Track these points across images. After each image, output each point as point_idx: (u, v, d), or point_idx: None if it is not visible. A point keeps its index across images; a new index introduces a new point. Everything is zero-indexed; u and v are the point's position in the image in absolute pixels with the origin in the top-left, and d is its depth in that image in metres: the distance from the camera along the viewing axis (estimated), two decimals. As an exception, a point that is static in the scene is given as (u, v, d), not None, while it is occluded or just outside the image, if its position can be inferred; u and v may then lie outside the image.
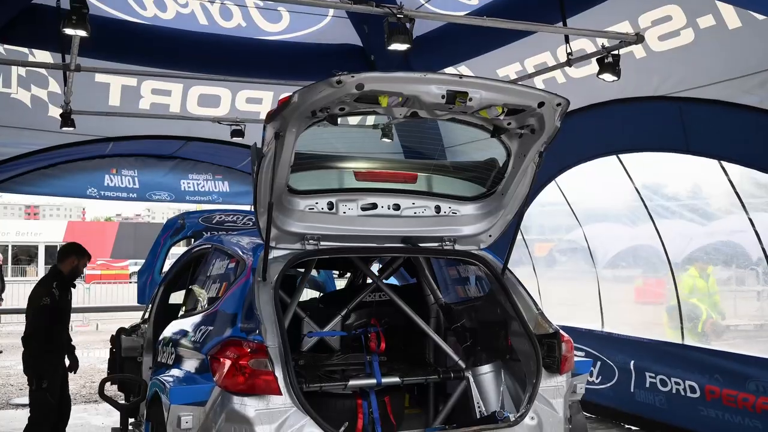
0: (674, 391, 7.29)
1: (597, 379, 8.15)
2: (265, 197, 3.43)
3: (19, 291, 22.42)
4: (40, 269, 43.60)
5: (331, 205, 3.80)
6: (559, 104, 3.45)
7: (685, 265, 8.88)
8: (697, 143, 6.49)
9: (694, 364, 7.13)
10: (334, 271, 6.47)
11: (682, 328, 7.68)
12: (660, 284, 8.83)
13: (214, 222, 6.25)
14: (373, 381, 4.04)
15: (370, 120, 8.09)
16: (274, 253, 3.70)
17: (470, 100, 3.34)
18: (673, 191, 8.80)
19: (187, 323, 4.10)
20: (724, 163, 6.52)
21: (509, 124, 3.63)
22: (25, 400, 9.43)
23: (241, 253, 3.98)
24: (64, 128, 7.19)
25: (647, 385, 7.61)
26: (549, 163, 3.93)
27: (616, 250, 9.69)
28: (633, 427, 8.03)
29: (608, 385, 8.08)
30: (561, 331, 3.85)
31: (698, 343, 7.49)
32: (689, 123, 6.46)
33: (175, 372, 3.76)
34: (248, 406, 3.18)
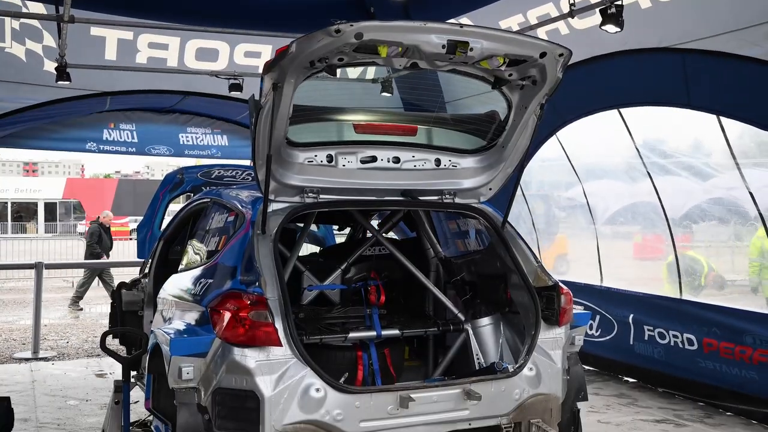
0: (672, 343, 7.38)
1: (596, 332, 8.25)
2: (263, 150, 3.41)
3: (20, 248, 22.54)
4: (40, 226, 43.73)
5: (330, 158, 3.77)
6: (561, 54, 3.40)
7: (683, 221, 8.90)
8: (698, 97, 6.44)
9: (692, 318, 7.21)
10: (334, 226, 6.47)
11: (680, 283, 7.74)
12: (659, 240, 8.86)
13: (213, 177, 6.22)
14: (373, 333, 4.07)
15: (370, 73, 8.00)
16: (273, 206, 3.69)
17: (471, 50, 3.29)
18: (673, 147, 8.76)
19: (186, 277, 4.11)
20: (723, 119, 6.49)
21: (510, 75, 3.58)
22: (28, 354, 9.56)
23: (240, 206, 3.97)
24: (59, 82, 7.11)
25: (646, 338, 7.71)
26: (549, 117, 3.89)
27: (615, 206, 9.70)
28: (630, 379, 8.14)
29: (608, 337, 8.18)
30: (560, 284, 3.87)
31: (696, 298, 7.57)
32: (691, 76, 6.40)
33: (175, 324, 3.79)
34: (249, 357, 3.20)
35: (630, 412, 6.96)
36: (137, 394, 5.28)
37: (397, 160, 3.89)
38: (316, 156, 3.75)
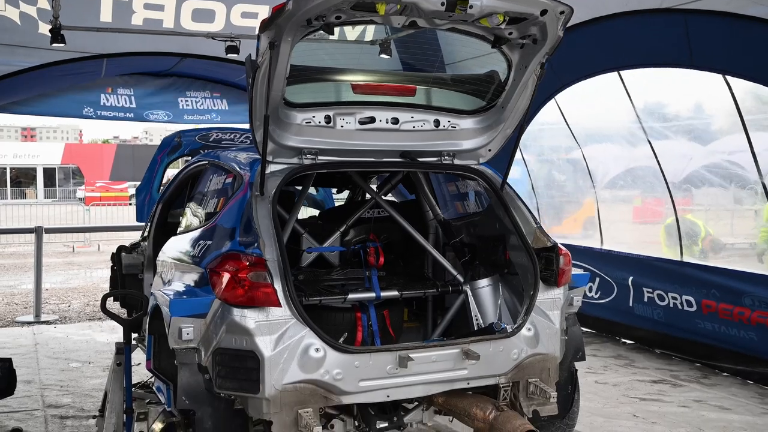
0: (672, 305, 7.43)
1: (596, 294, 8.30)
2: (260, 110, 3.37)
3: (19, 213, 22.54)
4: (39, 192, 43.69)
5: (328, 119, 3.74)
6: (562, 12, 3.35)
7: (683, 185, 8.88)
8: (701, 57, 6.38)
9: (692, 280, 7.25)
10: (333, 189, 6.46)
11: (681, 246, 7.75)
12: (658, 204, 8.85)
13: (211, 140, 6.18)
14: (372, 295, 4.08)
15: (369, 35, 7.90)
16: (271, 168, 3.67)
17: (471, 7, 3.23)
18: (674, 111, 8.71)
19: (185, 239, 4.10)
20: (728, 78, 6.43)
21: (510, 33, 3.52)
22: (30, 317, 9.63)
23: (238, 168, 3.95)
24: (54, 45, 7.02)
25: (645, 300, 7.76)
26: (549, 79, 3.85)
27: (615, 170, 9.68)
28: (628, 341, 8.21)
29: (607, 300, 8.23)
30: (559, 245, 3.87)
31: (696, 260, 7.60)
32: (694, 36, 6.33)
33: (175, 286, 3.79)
34: (248, 317, 3.21)
35: (627, 372, 7.03)
36: (139, 356, 5.32)
37: (395, 121, 3.86)
38: (314, 117, 3.71)
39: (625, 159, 9.11)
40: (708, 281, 7.06)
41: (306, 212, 6.96)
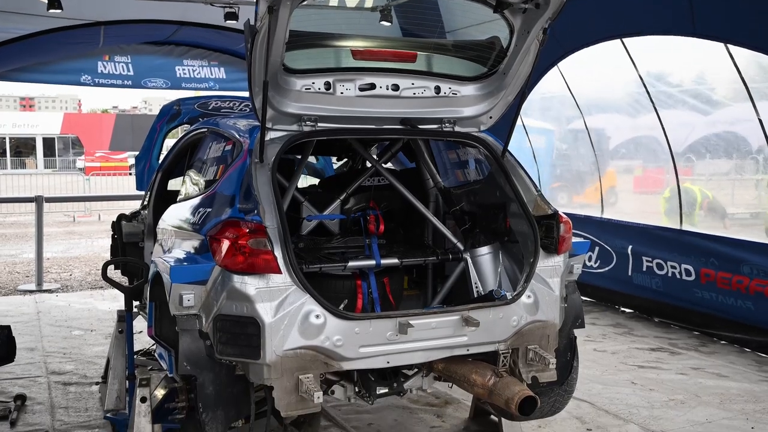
0: (670, 274, 7.46)
1: (595, 263, 8.32)
2: (259, 76, 3.34)
3: (19, 183, 22.52)
4: (39, 162, 43.59)
5: (328, 85, 3.70)
6: None
7: (685, 154, 8.84)
8: (704, 25, 6.31)
9: (691, 248, 7.26)
10: (333, 158, 6.43)
11: (681, 214, 7.75)
12: (659, 173, 8.84)
13: (210, 108, 6.12)
14: (372, 262, 4.08)
15: (369, 1, 7.80)
16: (270, 135, 3.64)
17: None
18: (677, 80, 8.65)
19: (185, 206, 4.09)
20: (731, 47, 6.37)
21: (513, -3, 3.47)
22: (32, 286, 9.67)
23: (237, 135, 3.93)
24: (51, 11, 6.94)
25: (644, 269, 7.79)
26: (550, 46, 3.81)
27: (617, 140, 9.65)
28: (627, 310, 8.25)
29: (606, 269, 8.26)
30: (560, 212, 3.86)
31: (695, 228, 7.60)
32: (697, 3, 6.26)
33: (175, 253, 3.79)
34: (249, 284, 3.21)
35: (626, 341, 7.08)
36: (140, 324, 5.35)
37: (396, 87, 3.82)
38: (313, 83, 3.68)
39: (628, 128, 9.08)
40: (707, 249, 7.07)
41: (306, 181, 6.95)
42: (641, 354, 6.58)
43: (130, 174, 26.05)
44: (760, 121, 6.60)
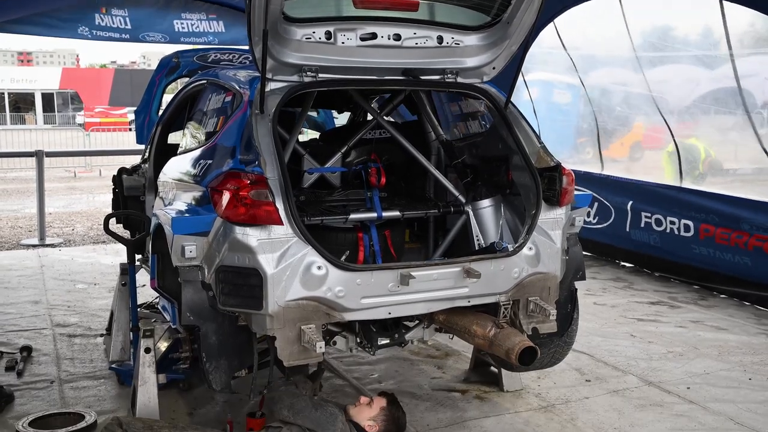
0: (668, 230, 7.47)
1: (594, 219, 8.32)
2: (259, 25, 3.28)
3: (19, 138, 22.43)
4: (38, 117, 43.35)
5: (329, 35, 3.64)
6: None
7: (689, 110, 8.75)
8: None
9: (691, 205, 7.26)
10: (334, 111, 6.37)
11: (681, 171, 7.73)
12: (660, 130, 8.76)
13: (209, 60, 6.04)
14: (374, 215, 4.07)
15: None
16: (271, 86, 3.60)
17: None
18: (681, 34, 8.52)
19: (186, 159, 4.07)
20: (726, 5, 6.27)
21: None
22: (35, 240, 9.71)
23: (237, 86, 3.88)
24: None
25: (642, 225, 7.79)
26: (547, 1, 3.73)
27: (619, 96, 9.54)
28: (627, 264, 8.28)
29: (605, 224, 8.26)
30: (562, 164, 3.83)
31: (695, 186, 7.59)
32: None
33: (177, 205, 3.79)
34: (250, 236, 3.21)
35: (626, 294, 7.13)
36: (143, 278, 5.39)
37: (398, 37, 3.76)
38: (314, 32, 3.61)
39: (631, 84, 8.97)
40: (707, 207, 7.07)
41: (307, 136, 6.90)
42: (641, 307, 6.63)
43: (130, 129, 25.90)
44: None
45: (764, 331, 5.94)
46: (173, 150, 4.69)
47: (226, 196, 3.25)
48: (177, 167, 4.18)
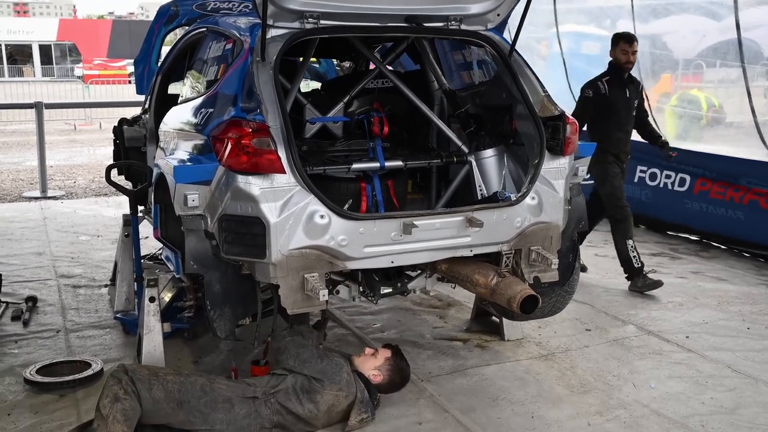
0: (662, 185, 7.43)
1: (587, 175, 8.25)
2: (259, -31, 3.22)
3: (18, 91, 22.23)
4: (37, 70, 42.89)
5: (330, -20, 3.56)
6: None
7: (694, 61, 8.64)
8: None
9: (687, 164, 7.21)
10: (335, 60, 6.30)
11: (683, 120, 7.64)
12: (665, 85, 8.67)
13: (208, 9, 5.93)
14: (376, 164, 4.05)
15: None
16: (271, 33, 3.54)
17: None
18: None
19: (187, 108, 4.04)
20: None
21: None
22: (37, 193, 9.72)
23: (237, 33, 3.82)
24: None
25: (635, 180, 7.75)
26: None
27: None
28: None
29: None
30: (566, 114, 3.80)
31: (693, 147, 7.53)
32: None
33: (178, 154, 3.77)
34: (253, 184, 3.20)
35: (627, 246, 7.13)
36: (146, 230, 5.40)
37: None
38: None
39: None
40: (704, 165, 7.03)
41: (309, 87, 6.83)
42: (643, 259, 6.64)
43: (130, 82, 25.68)
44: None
45: (764, 282, 5.97)
46: (173, 100, 4.65)
47: (227, 145, 3.23)
48: (178, 117, 4.15)
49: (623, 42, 5.65)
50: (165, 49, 5.71)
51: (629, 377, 4.12)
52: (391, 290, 3.81)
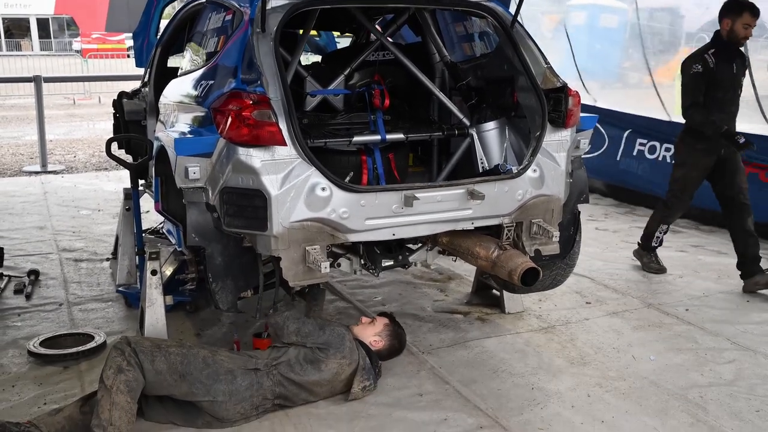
0: (661, 158, 7.39)
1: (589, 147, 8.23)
2: (259, -62, 3.17)
3: (16, 65, 22.11)
4: (35, 44, 42.57)
5: (331, -51, 3.52)
6: None
7: (698, 35, 8.55)
8: None
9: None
10: (335, 33, 6.25)
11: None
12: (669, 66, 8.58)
13: (207, -20, 5.89)
14: (378, 137, 4.03)
15: None
16: (272, 3, 3.50)
17: None
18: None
19: (187, 80, 4.01)
20: None
21: None
22: (37, 167, 9.70)
23: (237, 4, 3.78)
24: None
25: (635, 153, 7.71)
26: None
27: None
28: (613, 199, 8.13)
29: (595, 154, 8.19)
30: (568, 85, 3.78)
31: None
32: None
33: (179, 127, 3.75)
34: (254, 157, 3.19)
35: (627, 220, 7.16)
36: (147, 204, 5.41)
37: None
38: None
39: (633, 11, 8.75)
40: None
41: (309, 61, 6.79)
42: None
43: (129, 56, 25.51)
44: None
45: (764, 255, 5.98)
46: (173, 73, 4.62)
47: (228, 117, 3.21)
48: (178, 89, 4.13)
49: (748, 14, 4.90)
50: (164, 22, 5.67)
51: (628, 349, 4.14)
52: (392, 263, 3.82)
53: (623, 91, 9.54)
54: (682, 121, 5.36)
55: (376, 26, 4.96)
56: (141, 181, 5.14)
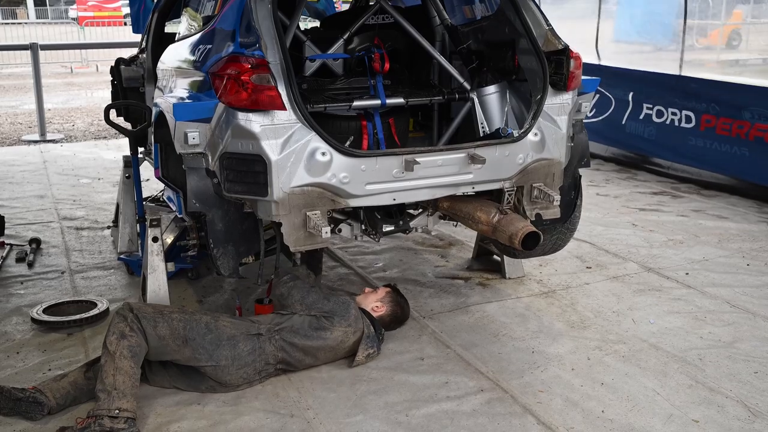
0: (668, 122, 7.36)
1: (591, 112, 8.20)
2: None
3: (12, 34, 21.89)
4: (30, 11, 42.04)
5: None
6: None
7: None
8: None
9: (692, 94, 7.12)
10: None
11: (681, 60, 7.52)
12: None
13: (204, -57, 5.80)
14: (377, 102, 4.00)
15: None
16: (269, -34, 3.45)
17: None
18: None
19: (184, 45, 3.97)
20: None
21: None
22: (36, 136, 9.66)
23: (234, -33, 3.72)
24: None
25: (641, 117, 7.67)
26: None
27: None
28: (631, 154, 8.19)
29: (601, 117, 8.15)
30: (570, 48, 3.73)
31: (695, 74, 7.42)
32: None
33: (177, 92, 3.71)
34: (253, 121, 3.16)
35: (629, 185, 7.14)
36: (146, 172, 5.39)
37: None
38: None
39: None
40: (709, 95, 6.94)
41: (308, 27, 6.72)
42: (643, 198, 6.65)
43: (125, 24, 25.21)
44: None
45: (765, 219, 5.98)
46: (171, 39, 4.57)
47: (227, 81, 3.18)
48: (176, 54, 4.08)
49: None
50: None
51: (628, 313, 4.16)
52: (393, 228, 3.82)
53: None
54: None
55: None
56: (140, 149, 5.11)
